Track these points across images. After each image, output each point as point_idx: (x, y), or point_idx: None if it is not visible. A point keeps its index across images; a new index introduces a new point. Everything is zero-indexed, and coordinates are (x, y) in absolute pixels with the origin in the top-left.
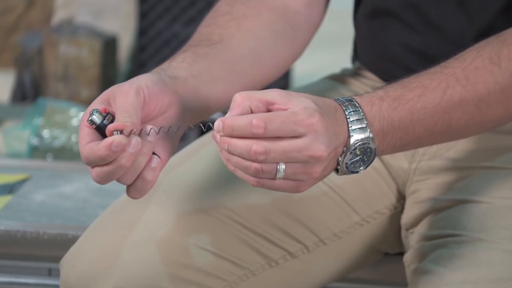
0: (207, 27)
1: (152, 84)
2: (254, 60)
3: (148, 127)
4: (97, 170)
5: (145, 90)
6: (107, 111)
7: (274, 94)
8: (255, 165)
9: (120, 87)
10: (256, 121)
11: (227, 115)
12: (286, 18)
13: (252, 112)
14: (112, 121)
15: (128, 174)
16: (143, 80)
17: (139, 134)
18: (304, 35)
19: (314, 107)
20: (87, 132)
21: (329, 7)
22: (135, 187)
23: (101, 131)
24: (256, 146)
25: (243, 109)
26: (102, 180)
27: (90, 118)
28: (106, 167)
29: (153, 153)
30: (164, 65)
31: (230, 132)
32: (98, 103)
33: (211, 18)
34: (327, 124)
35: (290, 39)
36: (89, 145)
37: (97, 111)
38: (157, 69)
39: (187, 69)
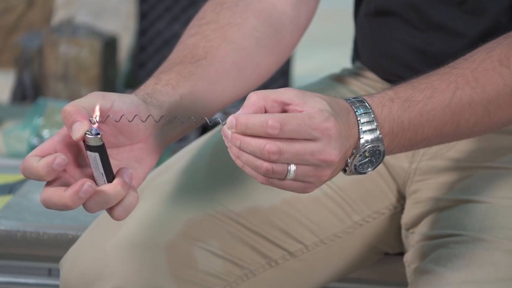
0: (192, 37)
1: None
2: (237, 73)
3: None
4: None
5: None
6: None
7: (290, 95)
8: (266, 164)
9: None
10: (272, 121)
11: (238, 112)
12: (271, 21)
13: (266, 112)
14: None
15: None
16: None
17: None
18: (289, 38)
19: (330, 111)
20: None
21: (329, 7)
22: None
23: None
24: (270, 145)
25: (257, 108)
26: (45, 203)
27: (95, 136)
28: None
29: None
30: (149, 88)
31: (243, 130)
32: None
33: (197, 25)
34: (340, 128)
35: (274, 44)
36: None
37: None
38: (143, 94)
39: (171, 94)
